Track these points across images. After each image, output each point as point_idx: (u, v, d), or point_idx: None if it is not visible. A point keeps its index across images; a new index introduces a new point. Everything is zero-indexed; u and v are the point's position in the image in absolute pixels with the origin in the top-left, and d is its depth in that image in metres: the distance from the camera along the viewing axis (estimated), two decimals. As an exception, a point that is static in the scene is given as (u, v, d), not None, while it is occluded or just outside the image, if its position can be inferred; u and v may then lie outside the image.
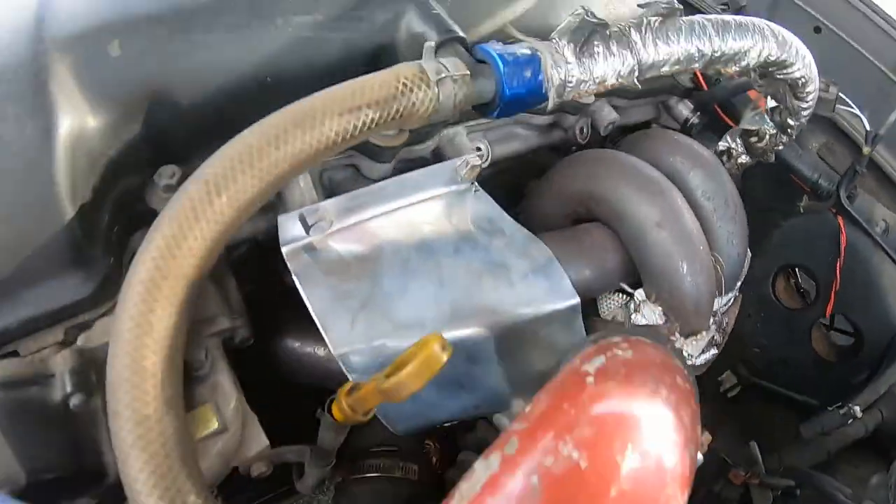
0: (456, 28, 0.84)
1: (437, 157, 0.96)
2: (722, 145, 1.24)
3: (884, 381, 1.15)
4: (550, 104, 0.81)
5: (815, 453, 1.16)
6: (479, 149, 1.00)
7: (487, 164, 1.00)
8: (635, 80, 0.84)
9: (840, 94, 1.15)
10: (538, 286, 0.78)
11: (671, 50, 0.84)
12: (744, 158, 1.24)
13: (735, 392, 1.58)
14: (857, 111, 1.17)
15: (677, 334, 0.89)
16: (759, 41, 0.89)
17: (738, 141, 1.23)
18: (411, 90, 0.70)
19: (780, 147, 1.20)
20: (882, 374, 1.17)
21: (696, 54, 0.86)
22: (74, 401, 0.61)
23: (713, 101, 1.30)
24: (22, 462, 0.58)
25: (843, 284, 1.35)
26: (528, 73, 0.78)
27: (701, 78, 1.29)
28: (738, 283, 1.08)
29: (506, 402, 0.87)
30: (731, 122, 1.28)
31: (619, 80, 0.83)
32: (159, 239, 0.57)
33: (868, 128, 1.16)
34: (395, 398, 0.54)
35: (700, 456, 0.62)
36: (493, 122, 1.02)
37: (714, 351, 1.02)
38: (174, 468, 0.54)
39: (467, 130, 0.99)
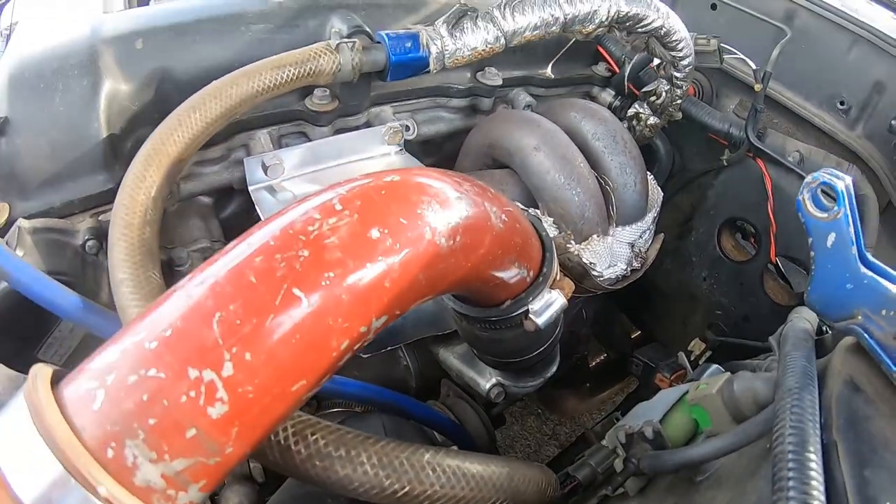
0: (361, 22, 1.10)
1: (367, 127, 1.20)
2: (631, 112, 1.42)
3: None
4: (431, 66, 1.05)
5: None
6: (407, 127, 1.22)
7: (413, 137, 1.22)
8: (503, 45, 1.07)
9: (722, 45, 1.33)
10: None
11: (528, 19, 1.07)
12: (653, 120, 1.42)
13: (706, 357, 1.64)
14: (741, 56, 1.34)
15: (572, 241, 1.04)
16: (606, 0, 1.10)
17: (644, 105, 1.41)
18: (319, 55, 1.01)
19: (679, 101, 1.37)
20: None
21: (551, 19, 1.08)
22: (89, 244, 0.94)
23: (624, 80, 1.49)
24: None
25: (779, 226, 1.46)
26: (408, 45, 1.06)
27: (613, 63, 1.50)
28: (651, 216, 1.22)
29: (432, 315, 1.03)
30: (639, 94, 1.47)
31: (488, 46, 1.07)
32: (156, 135, 0.91)
33: (755, 67, 1.32)
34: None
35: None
36: (417, 105, 1.26)
37: (628, 270, 1.15)
38: (145, 261, 0.80)
39: (394, 110, 1.24)
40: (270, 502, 0.77)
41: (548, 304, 0.77)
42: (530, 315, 0.76)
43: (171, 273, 1.00)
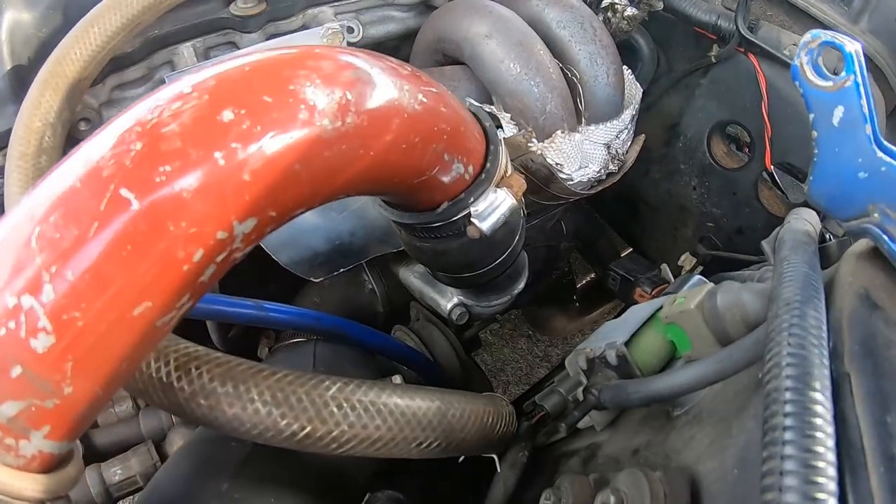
0: None
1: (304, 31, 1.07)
2: (605, 2, 1.27)
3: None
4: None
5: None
6: (350, 29, 1.09)
7: (359, 39, 1.09)
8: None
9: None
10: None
11: None
12: (630, 11, 1.26)
13: (697, 273, 1.55)
14: (724, -62, 1.19)
15: (534, 140, 0.93)
16: None
17: (620, -6, 1.26)
18: None
19: (657, -12, 1.23)
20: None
21: None
22: None
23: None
24: None
25: (775, 129, 1.33)
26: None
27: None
28: (629, 114, 1.10)
29: (383, 231, 0.92)
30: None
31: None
32: (52, 57, 0.85)
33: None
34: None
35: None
36: (362, 4, 1.12)
37: (603, 173, 1.04)
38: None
39: (335, 11, 1.09)
40: (182, 446, 0.71)
41: (493, 206, 0.65)
42: (473, 219, 0.65)
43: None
